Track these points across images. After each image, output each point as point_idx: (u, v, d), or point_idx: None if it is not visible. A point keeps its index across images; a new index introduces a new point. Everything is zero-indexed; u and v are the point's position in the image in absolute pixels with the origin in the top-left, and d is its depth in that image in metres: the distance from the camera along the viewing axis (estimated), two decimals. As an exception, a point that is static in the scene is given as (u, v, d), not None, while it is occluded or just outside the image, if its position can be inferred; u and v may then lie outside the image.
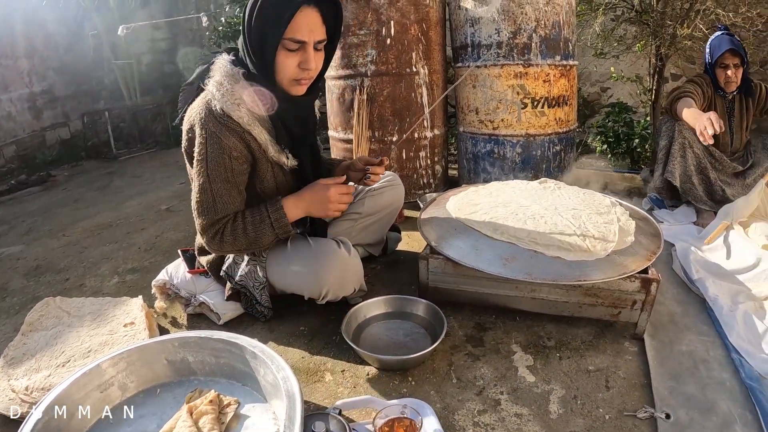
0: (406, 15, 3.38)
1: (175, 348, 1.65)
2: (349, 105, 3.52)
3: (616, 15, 5.19)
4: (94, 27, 7.33)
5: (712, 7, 4.31)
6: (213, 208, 1.82)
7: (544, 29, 3.34)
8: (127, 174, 5.82)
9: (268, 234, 1.87)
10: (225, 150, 1.78)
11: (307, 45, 1.76)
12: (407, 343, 1.95)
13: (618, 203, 2.42)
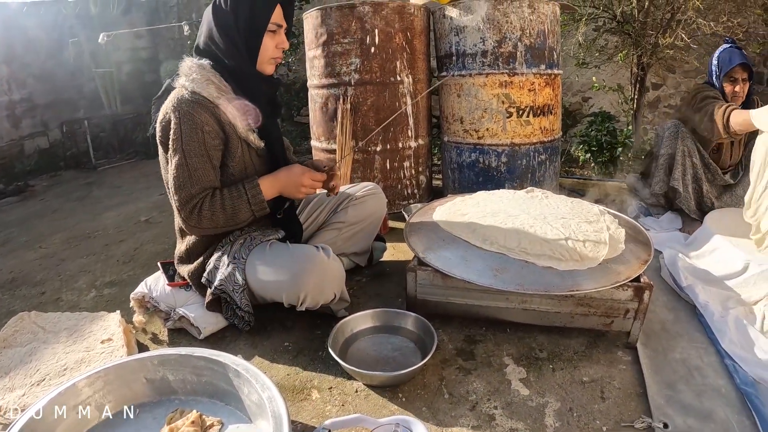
0: (391, 24, 3.37)
1: (154, 366, 1.60)
2: (332, 114, 3.49)
3: (598, 25, 5.23)
4: (75, 34, 7.26)
5: (694, 16, 4.35)
6: (189, 182, 1.90)
7: (529, 38, 3.33)
8: (106, 184, 5.74)
9: (244, 210, 1.95)
10: (198, 125, 1.90)
11: (282, 28, 2.06)
12: (396, 358, 1.91)
13: (606, 211, 2.40)
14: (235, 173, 2.05)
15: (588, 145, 4.89)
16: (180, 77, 1.99)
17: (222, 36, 1.97)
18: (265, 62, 2.08)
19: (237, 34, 1.97)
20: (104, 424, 1.52)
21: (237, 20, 1.96)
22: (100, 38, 6.22)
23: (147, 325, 2.27)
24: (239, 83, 2.02)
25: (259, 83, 2.09)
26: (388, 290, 2.51)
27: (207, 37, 2.01)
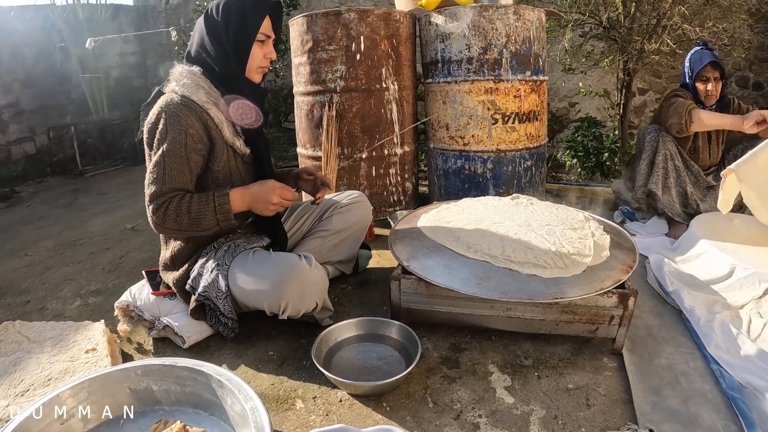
0: (376, 30, 3.37)
1: (138, 376, 1.59)
2: (318, 121, 3.48)
3: (584, 31, 5.25)
4: (63, 39, 7.23)
5: (680, 22, 4.38)
6: (162, 179, 1.90)
7: (515, 45, 3.34)
8: (93, 191, 5.70)
9: (209, 217, 1.92)
10: (182, 127, 1.92)
11: (270, 39, 2.12)
12: (381, 367, 1.90)
13: (591, 218, 2.41)
14: (220, 178, 2.07)
15: (574, 151, 4.91)
16: (170, 83, 2.03)
17: (213, 44, 2.02)
18: (252, 71, 2.12)
19: (227, 43, 2.02)
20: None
21: (227, 29, 2.01)
22: (87, 43, 6.19)
23: (132, 335, 2.25)
24: (228, 90, 2.06)
25: (248, 90, 2.11)
26: (374, 298, 2.50)
27: (199, 45, 2.06)
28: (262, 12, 2.05)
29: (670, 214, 3.22)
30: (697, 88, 3.29)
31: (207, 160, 2.05)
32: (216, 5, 2.04)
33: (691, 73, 3.28)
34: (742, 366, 1.85)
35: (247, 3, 2.04)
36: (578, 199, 4.02)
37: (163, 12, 9.06)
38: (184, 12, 8.55)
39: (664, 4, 4.50)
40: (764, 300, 2.21)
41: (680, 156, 3.19)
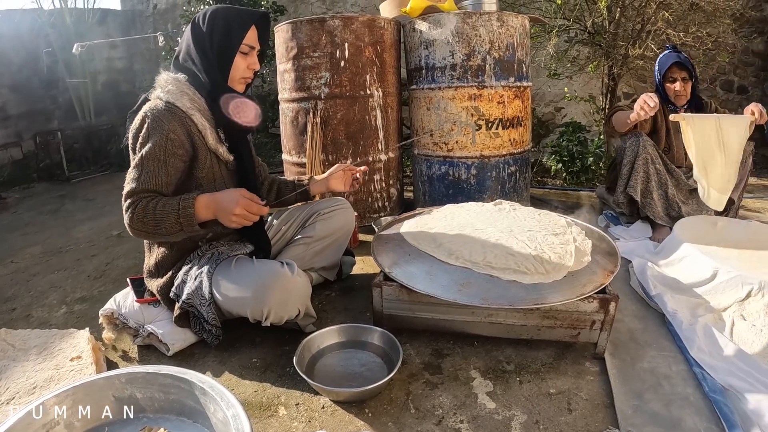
0: (361, 37, 3.38)
1: (122, 384, 1.58)
2: (303, 128, 3.49)
3: (570, 37, 5.28)
4: (50, 44, 7.20)
5: (663, 27, 4.41)
6: (138, 179, 1.91)
7: (498, 51, 3.36)
8: (79, 197, 5.69)
9: (171, 220, 1.89)
10: (164, 131, 1.93)
11: (254, 50, 2.15)
12: (363, 374, 1.90)
13: (574, 223, 2.42)
14: (203, 184, 2.09)
15: (559, 155, 4.93)
16: (156, 89, 2.05)
17: (197, 53, 2.05)
18: (235, 81, 2.14)
19: (210, 52, 2.04)
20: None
21: (211, 39, 2.04)
22: (74, 48, 6.17)
23: (117, 342, 2.24)
24: (212, 98, 2.07)
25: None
26: (357, 305, 2.50)
27: (185, 53, 2.10)
28: (247, 23, 2.07)
29: (653, 217, 3.24)
30: (666, 89, 3.38)
31: (190, 166, 2.06)
32: (203, 14, 2.06)
33: (659, 76, 3.36)
34: (724, 369, 1.86)
35: (233, 13, 2.07)
36: (563, 204, 4.05)
37: (151, 17, 9.04)
38: (172, 17, 8.54)
39: (648, 9, 4.54)
40: (747, 303, 2.23)
41: (661, 159, 3.22)
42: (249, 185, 2.20)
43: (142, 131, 1.96)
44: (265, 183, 2.56)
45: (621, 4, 4.65)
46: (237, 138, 2.21)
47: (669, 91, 3.36)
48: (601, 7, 4.52)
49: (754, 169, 5.61)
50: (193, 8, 6.29)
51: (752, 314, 2.18)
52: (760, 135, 6.01)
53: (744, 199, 4.10)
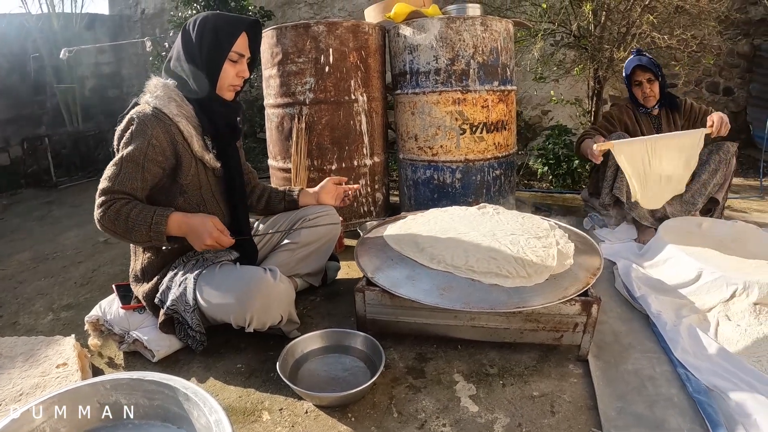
0: (345, 43, 3.38)
1: (107, 390, 1.58)
2: (288, 134, 3.49)
3: (556, 40, 5.30)
4: (37, 49, 7.17)
5: (648, 30, 4.43)
6: (115, 178, 1.93)
7: (482, 55, 3.37)
8: (67, 203, 5.68)
9: (142, 231, 1.91)
10: (147, 136, 1.96)
11: (244, 58, 2.16)
12: (346, 378, 1.90)
13: (557, 226, 2.43)
14: (189, 191, 2.12)
15: (546, 158, 4.95)
16: (145, 94, 2.09)
17: (186, 59, 2.09)
18: (224, 88, 2.15)
19: (199, 59, 2.07)
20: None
21: (201, 46, 2.06)
22: (61, 54, 6.16)
23: (103, 349, 2.24)
24: (200, 105, 2.12)
25: (219, 107, 2.16)
26: (342, 309, 2.51)
27: (175, 59, 2.13)
28: (237, 31, 2.09)
29: (638, 218, 3.25)
30: (635, 95, 3.45)
31: (173, 173, 2.08)
32: (194, 21, 2.09)
33: (626, 81, 3.44)
34: (708, 369, 1.87)
35: (222, 21, 2.09)
36: (549, 207, 4.06)
37: (139, 22, 9.04)
38: (160, 22, 8.53)
39: (633, 13, 4.56)
40: (732, 303, 2.25)
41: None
42: (236, 192, 2.26)
43: (126, 133, 1.99)
44: (255, 190, 2.57)
45: (606, 8, 4.67)
46: (224, 145, 2.23)
47: (637, 95, 3.41)
48: (586, 10, 4.54)
49: (740, 169, 5.66)
50: (181, 13, 6.29)
51: (737, 314, 2.20)
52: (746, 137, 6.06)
53: (729, 199, 4.13)
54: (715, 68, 6.41)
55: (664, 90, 3.40)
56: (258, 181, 2.61)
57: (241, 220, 2.29)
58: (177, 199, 2.11)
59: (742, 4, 6.23)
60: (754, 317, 2.16)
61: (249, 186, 2.54)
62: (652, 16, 4.39)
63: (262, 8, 6.73)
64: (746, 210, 4.13)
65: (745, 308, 2.20)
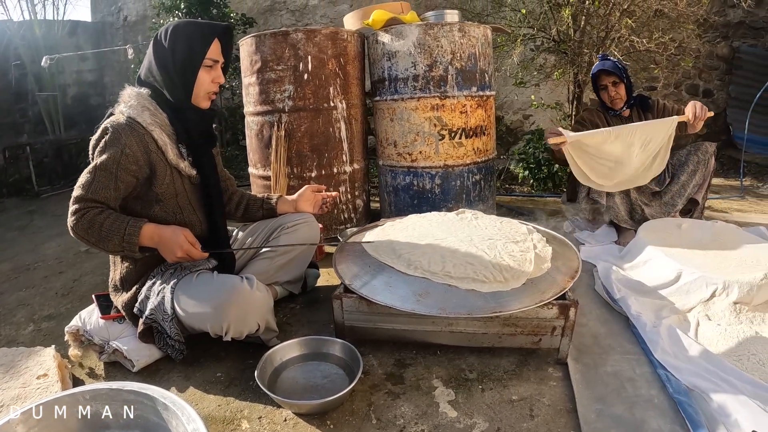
0: (324, 50, 3.39)
1: (86, 401, 1.57)
2: (268, 141, 3.48)
3: (536, 45, 5.33)
4: (18, 56, 7.13)
5: (627, 34, 4.46)
6: (89, 187, 1.94)
7: (460, 61, 3.38)
8: (48, 213, 5.65)
9: (115, 241, 1.93)
10: (120, 146, 1.97)
11: (218, 64, 2.16)
12: (325, 385, 1.90)
13: (535, 230, 2.43)
14: (164, 199, 2.12)
15: (526, 163, 4.98)
16: (120, 104, 2.08)
17: (159, 69, 2.08)
18: (200, 96, 2.16)
19: (173, 68, 2.07)
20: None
21: (174, 55, 2.06)
22: (43, 61, 6.13)
23: (83, 359, 2.23)
24: (174, 113, 2.12)
25: (194, 115, 2.17)
26: (322, 317, 2.50)
27: (147, 69, 2.13)
28: (209, 37, 2.09)
29: (616, 221, 3.28)
30: (603, 99, 3.47)
31: (148, 182, 2.08)
32: (165, 30, 2.08)
33: (593, 86, 3.50)
34: (689, 369, 1.87)
35: (194, 28, 2.09)
36: (529, 211, 4.08)
37: (121, 29, 9.02)
38: (142, 29, 8.51)
39: (612, 17, 4.59)
40: (712, 303, 2.27)
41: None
42: (213, 200, 2.25)
43: (101, 142, 1.99)
44: (233, 198, 2.56)
45: (586, 13, 4.71)
46: (200, 153, 2.22)
47: (604, 98, 3.42)
48: (566, 15, 4.57)
49: (720, 170, 5.72)
50: (163, 20, 6.30)
51: (717, 314, 2.22)
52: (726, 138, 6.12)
53: (710, 199, 4.17)
54: (694, 71, 6.47)
55: (631, 91, 3.41)
56: (236, 188, 2.60)
57: (219, 227, 2.28)
58: (153, 207, 2.11)
59: (720, 7, 6.30)
60: (735, 316, 2.19)
61: (227, 193, 2.54)
62: (630, 20, 4.42)
63: (244, 15, 6.73)
64: (727, 210, 4.17)
65: (725, 308, 2.22)
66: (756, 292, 2.25)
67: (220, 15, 6.35)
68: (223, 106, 7.36)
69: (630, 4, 4.45)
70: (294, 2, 7.65)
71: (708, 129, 6.65)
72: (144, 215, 2.09)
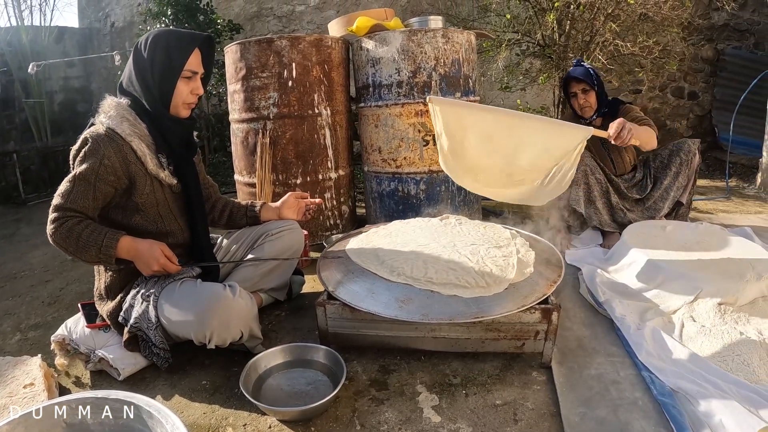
0: (308, 57, 3.40)
1: (72, 410, 1.57)
2: (253, 148, 3.49)
3: (522, 50, 5.36)
4: (5, 63, 7.10)
5: (611, 38, 4.50)
6: (67, 196, 1.96)
7: (444, 67, 3.39)
8: (35, 221, 5.59)
9: (92, 252, 1.95)
10: (99, 156, 1.98)
11: (198, 75, 2.15)
12: (309, 392, 1.90)
13: (519, 234, 2.44)
14: (145, 209, 2.13)
15: (513, 167, 4.99)
16: (99, 114, 2.08)
17: (138, 79, 2.09)
18: (179, 106, 2.16)
19: (152, 78, 2.08)
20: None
21: (153, 65, 2.06)
22: (29, 68, 6.10)
23: (69, 368, 2.22)
24: (153, 123, 2.12)
25: (173, 125, 2.17)
26: (307, 324, 2.50)
27: (128, 78, 2.14)
28: (189, 48, 2.09)
29: (599, 225, 3.29)
30: (573, 106, 3.47)
31: (128, 193, 2.09)
32: (145, 39, 2.09)
33: (564, 94, 3.51)
34: (673, 371, 1.88)
35: (174, 38, 2.09)
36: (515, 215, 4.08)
37: (108, 35, 8.99)
38: (129, 36, 8.49)
39: (597, 21, 4.63)
40: (696, 304, 2.29)
41: (600, 169, 3.27)
42: (194, 208, 2.25)
43: (80, 153, 2.00)
44: (217, 205, 2.56)
45: (570, 17, 4.74)
46: (180, 162, 2.23)
47: (575, 106, 3.43)
48: (550, 20, 4.60)
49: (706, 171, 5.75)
50: (150, 27, 6.29)
51: (701, 315, 2.23)
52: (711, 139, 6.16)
53: (696, 201, 4.19)
54: (679, 73, 6.52)
55: (604, 99, 3.39)
56: (219, 195, 2.60)
57: (201, 235, 2.28)
58: (134, 217, 2.12)
59: (704, 10, 6.35)
60: (719, 317, 2.19)
61: (210, 201, 2.55)
62: (615, 24, 4.46)
63: (231, 21, 6.73)
64: (712, 211, 4.19)
65: (709, 309, 2.23)
66: (740, 293, 2.28)
67: (206, 21, 6.35)
68: (210, 112, 7.35)
69: (614, 9, 4.49)
70: (281, 8, 7.66)
71: (693, 131, 6.70)
72: (125, 224, 2.10)
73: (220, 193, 2.62)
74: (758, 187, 5.07)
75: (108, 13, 9.00)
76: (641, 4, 4.46)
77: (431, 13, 5.15)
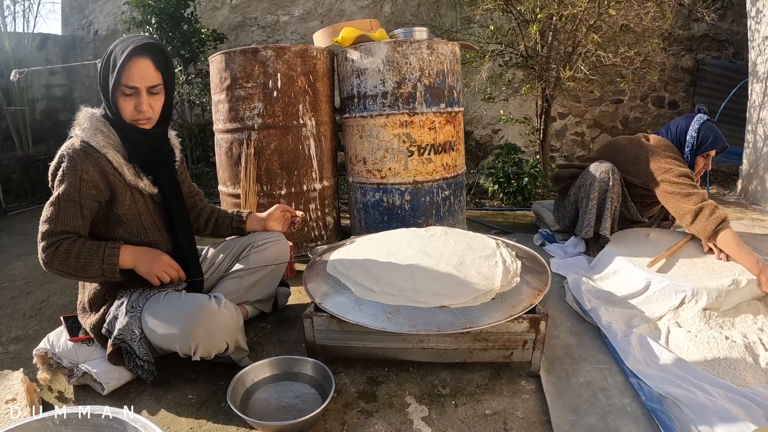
0: (293, 67, 3.39)
1: (56, 426, 1.55)
2: (237, 159, 3.47)
3: (505, 61, 5.40)
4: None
5: (594, 49, 4.54)
6: (56, 220, 1.92)
7: (429, 78, 3.40)
8: (16, 231, 5.54)
9: (95, 266, 1.94)
10: (78, 173, 1.93)
11: (140, 90, 1.99)
12: (297, 405, 1.89)
13: (504, 244, 2.44)
14: (127, 220, 2.09)
15: (496, 177, 5.02)
16: (75, 127, 2.05)
17: (101, 90, 2.06)
18: (129, 121, 2.06)
19: (102, 93, 2.05)
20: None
21: (100, 79, 2.04)
22: (11, 75, 6.03)
23: (52, 383, 2.19)
24: (121, 134, 2.07)
25: (138, 136, 2.09)
26: (294, 336, 2.49)
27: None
28: (125, 61, 1.94)
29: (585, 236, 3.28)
30: (695, 163, 3.08)
31: (110, 205, 2.05)
32: (112, 46, 2.05)
33: (696, 146, 3.04)
34: (660, 377, 1.90)
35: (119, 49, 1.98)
36: (499, 225, 4.10)
37: (92, 43, 8.93)
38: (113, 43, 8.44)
39: (579, 33, 4.67)
40: (681, 310, 2.31)
41: (623, 197, 3.12)
42: (176, 219, 2.24)
43: (58, 171, 1.96)
44: (203, 213, 2.54)
45: (553, 29, 4.78)
46: (157, 171, 2.19)
47: (698, 167, 3.11)
48: (533, 31, 4.63)
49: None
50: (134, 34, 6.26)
51: (687, 321, 2.26)
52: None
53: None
54: (660, 83, 6.60)
55: None
56: (206, 203, 2.58)
57: (184, 246, 2.25)
58: (117, 229, 2.09)
59: (684, 21, 6.44)
60: (704, 322, 2.22)
61: (196, 209, 2.53)
62: (597, 35, 4.50)
63: (215, 31, 6.72)
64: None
65: (695, 314, 2.26)
66: (724, 298, 2.30)
67: (191, 30, 6.34)
68: (193, 122, 7.32)
69: (596, 20, 4.53)
70: (265, 18, 7.65)
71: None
72: (108, 238, 2.07)
73: (205, 200, 2.60)
74: (738, 193, 5.14)
75: (91, 21, 8.94)
76: (623, 16, 4.50)
77: (415, 24, 5.18)
